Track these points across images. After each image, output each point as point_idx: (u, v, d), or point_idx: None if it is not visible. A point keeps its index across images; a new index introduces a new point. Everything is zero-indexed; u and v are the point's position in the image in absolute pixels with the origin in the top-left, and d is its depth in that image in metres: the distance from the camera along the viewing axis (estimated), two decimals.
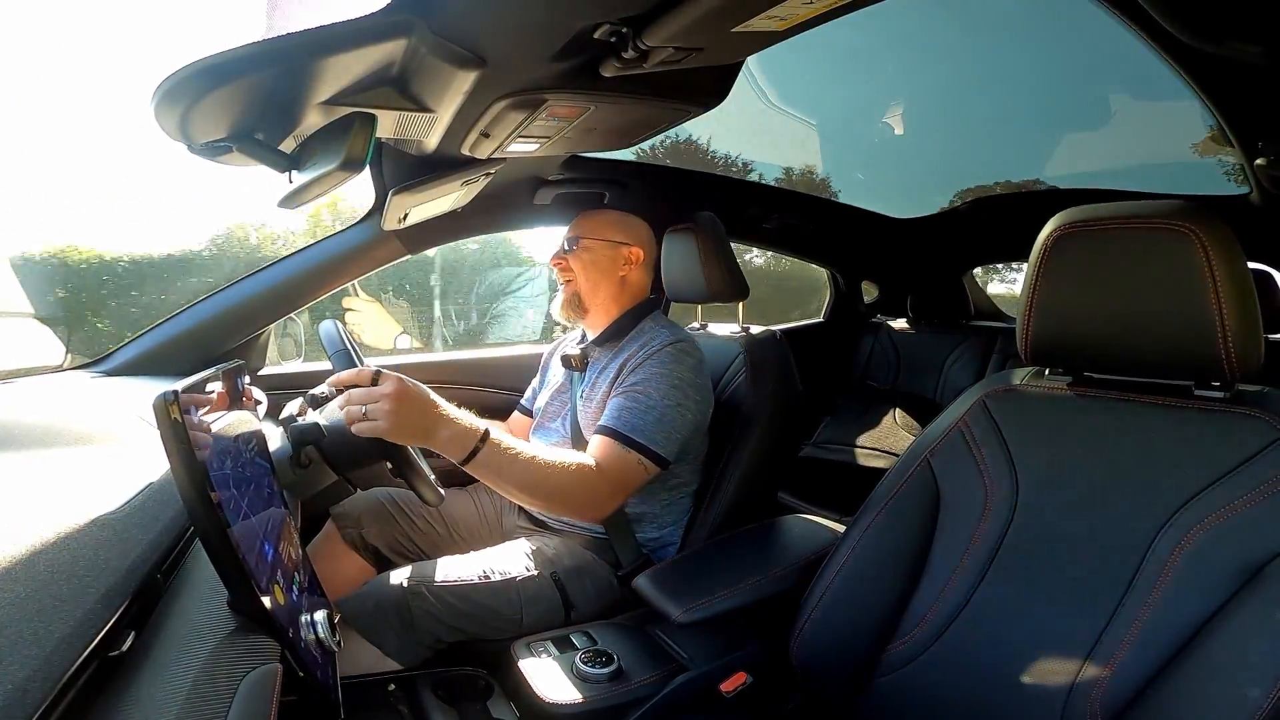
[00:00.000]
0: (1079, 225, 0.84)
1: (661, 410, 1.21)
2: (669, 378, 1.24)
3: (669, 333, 1.34)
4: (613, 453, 1.17)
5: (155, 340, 1.45)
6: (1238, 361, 0.75)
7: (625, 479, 1.16)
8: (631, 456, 1.17)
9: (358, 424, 0.95)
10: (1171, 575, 0.75)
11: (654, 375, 1.24)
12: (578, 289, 1.41)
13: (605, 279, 1.41)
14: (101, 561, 0.57)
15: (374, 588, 1.14)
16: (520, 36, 0.84)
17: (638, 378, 1.25)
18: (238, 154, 0.92)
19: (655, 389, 1.23)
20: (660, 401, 1.21)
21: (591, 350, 1.43)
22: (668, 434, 1.20)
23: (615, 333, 1.40)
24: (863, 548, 0.97)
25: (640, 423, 1.19)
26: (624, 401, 1.22)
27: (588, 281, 1.40)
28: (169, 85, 0.73)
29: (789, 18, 0.79)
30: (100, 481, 0.74)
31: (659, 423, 1.20)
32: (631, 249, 1.42)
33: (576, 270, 1.41)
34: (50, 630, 0.46)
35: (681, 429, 1.23)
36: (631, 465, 1.17)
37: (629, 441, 1.17)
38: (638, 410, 1.20)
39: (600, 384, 1.34)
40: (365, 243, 1.55)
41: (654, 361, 1.27)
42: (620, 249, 1.41)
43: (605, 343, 1.41)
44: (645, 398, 1.22)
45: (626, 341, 1.37)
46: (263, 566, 0.62)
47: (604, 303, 1.42)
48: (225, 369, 0.77)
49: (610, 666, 0.99)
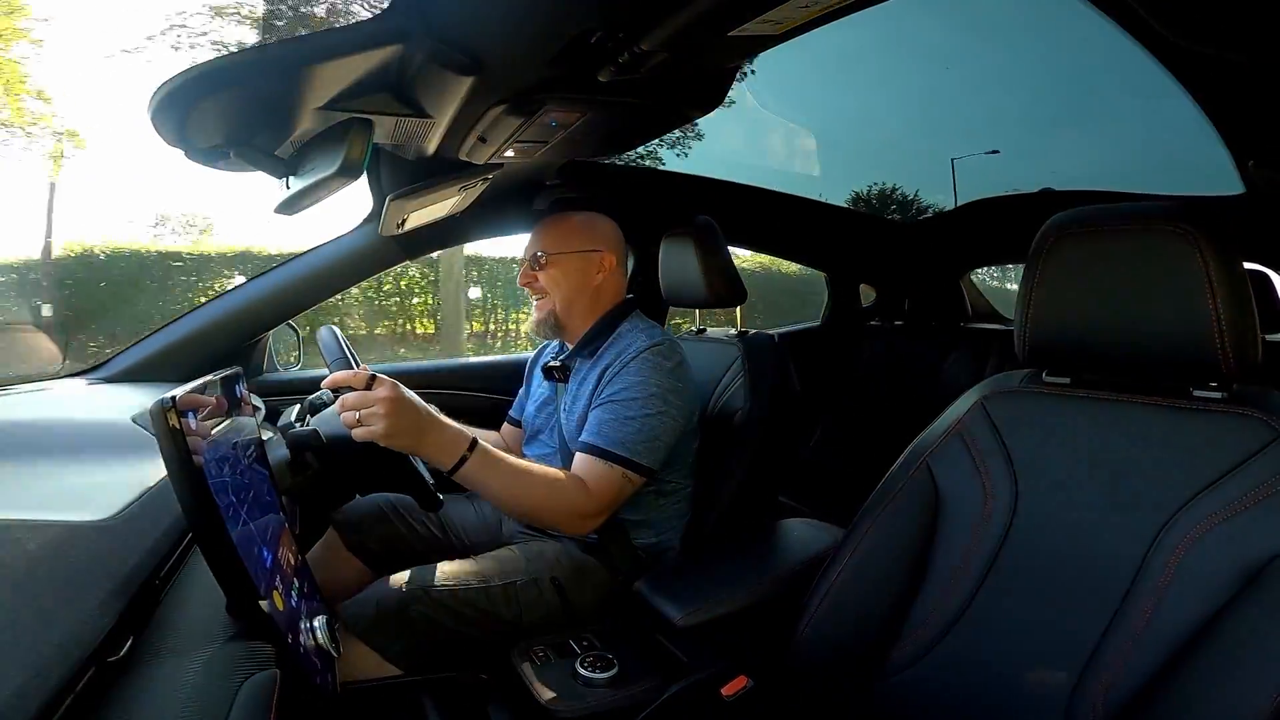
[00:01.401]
0: (1075, 227, 0.85)
1: (641, 420, 1.18)
2: (647, 385, 1.21)
3: (645, 336, 1.29)
4: (595, 469, 1.15)
5: (153, 347, 1.45)
6: (1235, 362, 0.75)
7: (610, 494, 1.15)
8: (615, 471, 1.15)
9: (353, 429, 0.95)
10: (1172, 576, 0.75)
11: (632, 384, 1.21)
12: (553, 308, 1.34)
13: (579, 293, 1.34)
14: (99, 567, 0.57)
15: (373, 592, 1.13)
16: (517, 42, 0.84)
17: (615, 387, 1.22)
18: (235, 159, 0.92)
19: (634, 397, 1.20)
20: (640, 411, 1.19)
21: (571, 360, 1.39)
22: (650, 444, 1.18)
23: (593, 337, 1.35)
24: (863, 550, 0.97)
25: (620, 435, 1.17)
26: (602, 414, 1.20)
27: (562, 299, 1.34)
28: (167, 90, 0.74)
29: (784, 21, 0.79)
30: (98, 488, 0.74)
31: (639, 433, 1.17)
32: (603, 256, 1.35)
33: (549, 287, 1.34)
34: (48, 636, 0.46)
35: (664, 436, 1.21)
36: (615, 480, 1.15)
37: (611, 456, 1.16)
38: (616, 423, 1.18)
39: (581, 395, 1.32)
40: (363, 248, 1.55)
41: (630, 370, 1.23)
42: (591, 257, 1.35)
43: (583, 349, 1.36)
44: (624, 408, 1.19)
45: (604, 349, 1.32)
46: (261, 572, 0.62)
47: (580, 315, 1.36)
48: (223, 375, 0.77)
49: (611, 670, 0.99)
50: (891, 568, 0.95)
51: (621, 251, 1.41)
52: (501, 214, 1.70)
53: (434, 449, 1.00)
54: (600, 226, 1.38)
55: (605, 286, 1.37)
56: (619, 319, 1.36)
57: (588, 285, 1.35)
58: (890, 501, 0.97)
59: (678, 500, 1.35)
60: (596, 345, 1.34)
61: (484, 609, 1.14)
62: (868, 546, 0.97)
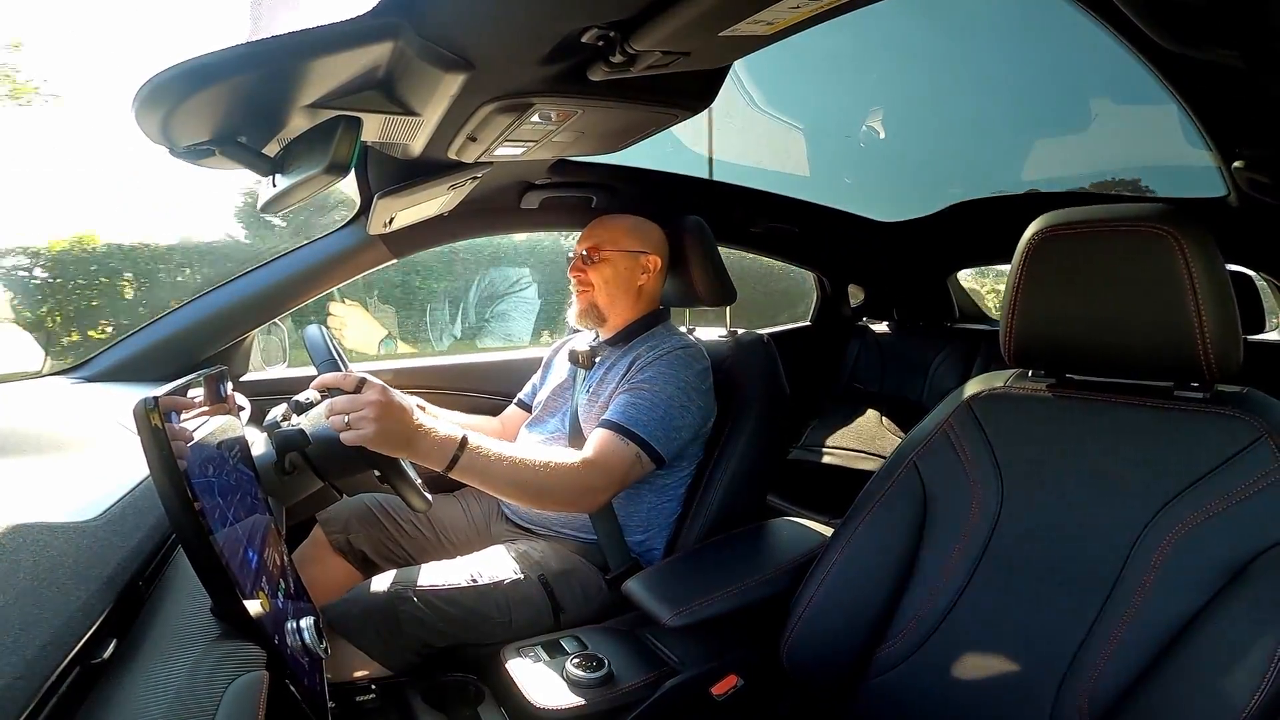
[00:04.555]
0: (1060, 228, 0.85)
1: (666, 409, 1.22)
2: (676, 379, 1.26)
3: (678, 339, 1.35)
4: (610, 444, 1.17)
5: (136, 346, 1.43)
6: (1217, 362, 0.76)
7: (620, 471, 1.16)
8: (630, 449, 1.17)
9: (342, 433, 0.95)
10: (1155, 574, 0.76)
11: (661, 375, 1.26)
12: (595, 299, 1.41)
13: (624, 291, 1.41)
14: (82, 569, 0.57)
15: (361, 593, 1.13)
16: (508, 40, 0.84)
17: (644, 376, 1.27)
18: (220, 157, 0.91)
19: (661, 388, 1.24)
20: (665, 402, 1.22)
21: (601, 349, 1.44)
22: (669, 433, 1.21)
23: (629, 334, 1.42)
24: (852, 550, 0.98)
25: (643, 418, 1.20)
26: (628, 399, 1.23)
27: (607, 294, 1.40)
28: (151, 87, 0.73)
29: (775, 22, 0.79)
30: (80, 488, 0.73)
31: (662, 420, 1.21)
32: (650, 257, 1.42)
33: (596, 283, 1.40)
34: (31, 638, 0.45)
35: (683, 430, 1.24)
36: (628, 458, 1.17)
37: (629, 434, 1.18)
38: (643, 406, 1.21)
39: (609, 380, 1.35)
40: (350, 247, 1.54)
41: (663, 362, 1.28)
42: (639, 258, 1.41)
43: (617, 342, 1.42)
44: (650, 394, 1.23)
45: (637, 343, 1.38)
46: (246, 573, 0.61)
47: (621, 311, 1.42)
48: (207, 375, 0.76)
49: (601, 670, 0.99)
50: (879, 567, 0.96)
51: (666, 257, 1.46)
52: (491, 213, 1.69)
53: (425, 451, 1.00)
54: (650, 231, 1.45)
55: (647, 288, 1.43)
56: (654, 322, 1.43)
57: (632, 284, 1.41)
58: (878, 502, 0.98)
59: (668, 500, 1.35)
60: (630, 340, 1.40)
61: (473, 609, 1.13)
62: (856, 546, 0.98)
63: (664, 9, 0.76)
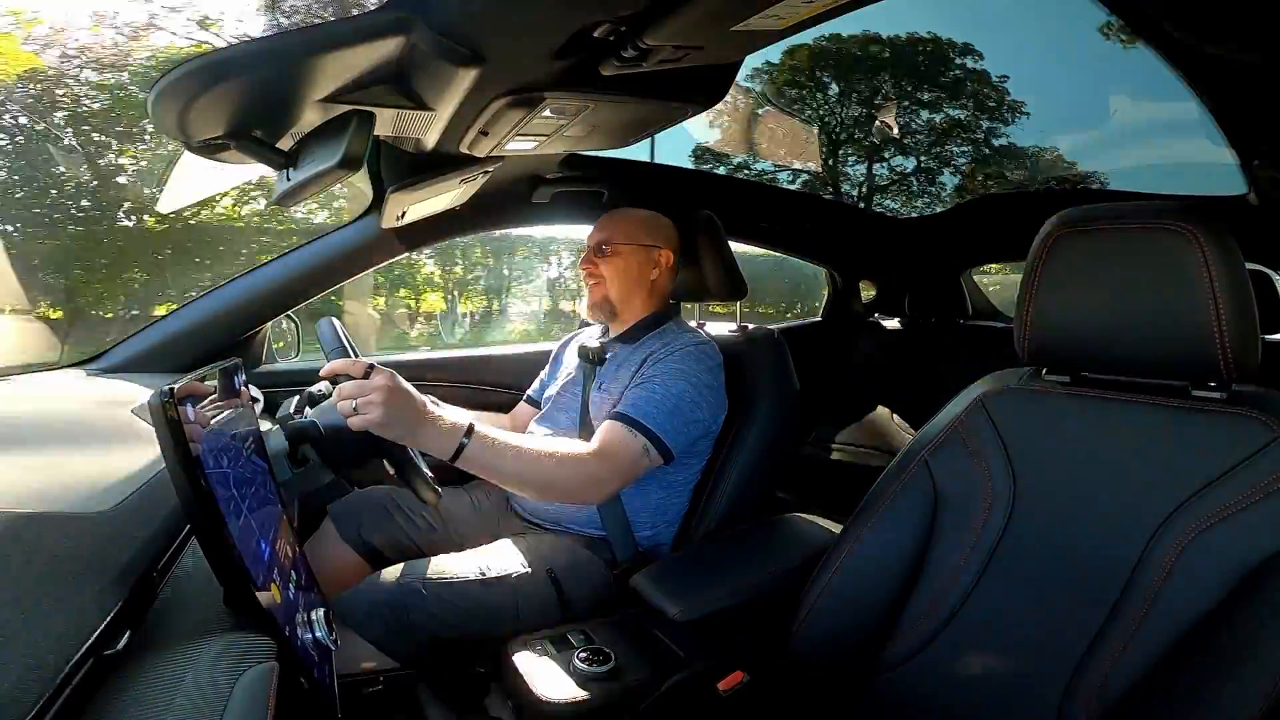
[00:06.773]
0: (1077, 226, 0.84)
1: (676, 403, 1.21)
2: (688, 375, 1.25)
3: (691, 335, 1.35)
4: (619, 436, 1.17)
5: (151, 338, 1.44)
6: (1235, 362, 0.75)
7: (628, 463, 1.16)
8: (638, 442, 1.17)
9: (349, 418, 0.95)
10: (1168, 575, 0.76)
11: (674, 370, 1.25)
12: (607, 293, 1.41)
13: (637, 285, 1.41)
14: (96, 560, 0.57)
15: (371, 586, 1.14)
16: (520, 35, 0.84)
17: (656, 370, 1.26)
18: (235, 151, 0.91)
19: (673, 383, 1.23)
20: (676, 396, 1.22)
21: (612, 345, 1.44)
22: (678, 427, 1.21)
23: (640, 329, 1.41)
24: (860, 546, 0.97)
25: (652, 411, 1.20)
26: (639, 392, 1.23)
27: (618, 288, 1.40)
28: (167, 82, 0.73)
29: (789, 16, 0.79)
30: (95, 479, 0.73)
31: (672, 414, 1.20)
32: (662, 252, 1.42)
33: (608, 276, 1.40)
34: (45, 629, 0.46)
35: (693, 426, 1.24)
36: (636, 450, 1.17)
37: (638, 426, 1.18)
38: (653, 400, 1.21)
39: (620, 375, 1.35)
40: (363, 241, 1.55)
41: (675, 358, 1.28)
42: (651, 252, 1.41)
43: (628, 338, 1.42)
44: (662, 388, 1.23)
45: (648, 339, 1.38)
46: (259, 564, 0.62)
47: (633, 305, 1.42)
48: (222, 367, 0.77)
49: (608, 664, 0.99)
50: (888, 564, 0.96)
51: (678, 251, 1.46)
52: (501, 207, 1.69)
53: (431, 437, 1.00)
54: (664, 225, 1.45)
55: (659, 282, 1.43)
56: (665, 317, 1.43)
57: (645, 278, 1.41)
58: (888, 498, 0.97)
59: (676, 495, 1.35)
60: (642, 336, 1.39)
61: (481, 602, 1.14)
62: (865, 543, 0.97)
63: (676, 4, 0.75)
